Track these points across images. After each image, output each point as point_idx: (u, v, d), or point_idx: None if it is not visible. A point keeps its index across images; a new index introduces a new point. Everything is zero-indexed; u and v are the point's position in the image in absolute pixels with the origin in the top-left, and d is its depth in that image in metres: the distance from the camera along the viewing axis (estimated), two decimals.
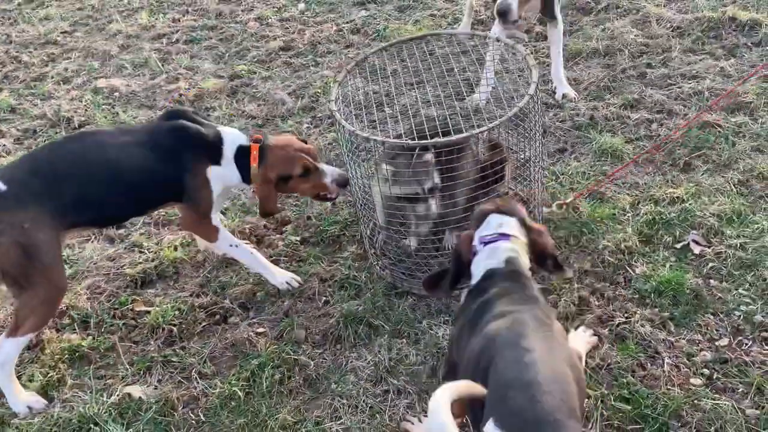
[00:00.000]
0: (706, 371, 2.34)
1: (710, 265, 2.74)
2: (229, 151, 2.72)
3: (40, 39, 5.63)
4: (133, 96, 4.64)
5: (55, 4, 6.30)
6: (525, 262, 2.04)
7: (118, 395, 2.50)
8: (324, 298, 2.85)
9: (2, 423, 2.47)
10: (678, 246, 2.86)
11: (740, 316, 2.53)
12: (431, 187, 2.67)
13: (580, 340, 2.42)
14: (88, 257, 3.23)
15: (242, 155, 2.72)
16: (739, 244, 2.80)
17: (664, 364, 2.38)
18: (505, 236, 2.03)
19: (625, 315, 2.58)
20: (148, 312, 2.86)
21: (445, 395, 1.50)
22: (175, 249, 3.21)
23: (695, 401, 2.24)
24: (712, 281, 2.68)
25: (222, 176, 2.73)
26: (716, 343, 2.44)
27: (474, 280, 2.03)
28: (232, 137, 2.76)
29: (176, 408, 2.46)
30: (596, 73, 4.12)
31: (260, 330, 2.74)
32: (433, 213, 2.74)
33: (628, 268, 2.78)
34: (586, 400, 2.24)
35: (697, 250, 2.82)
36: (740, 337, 2.46)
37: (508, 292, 1.89)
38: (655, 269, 2.74)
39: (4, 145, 4.23)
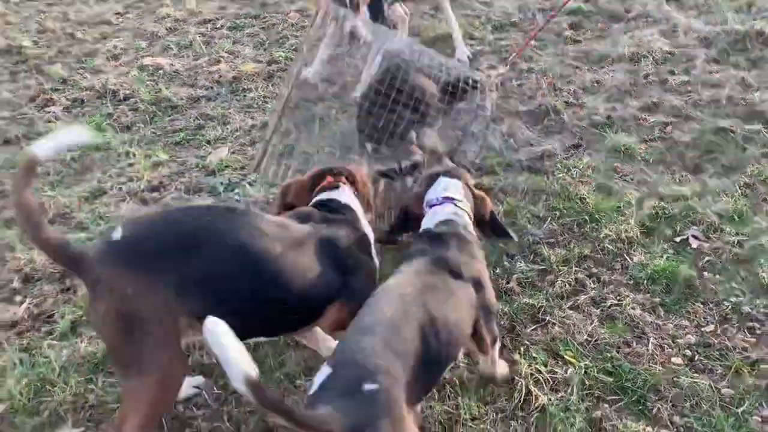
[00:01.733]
0: (688, 353, 2.47)
1: (706, 258, 2.86)
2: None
3: (95, 19, 5.96)
4: (176, 75, 4.91)
5: None
6: (466, 223, 2.23)
7: None
8: None
9: (31, 354, 2.69)
10: (677, 240, 2.98)
11: (729, 306, 2.64)
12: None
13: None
14: (123, 214, 3.48)
15: None
16: (736, 241, 2.91)
17: (649, 344, 2.51)
18: (449, 200, 2.24)
19: (618, 298, 2.71)
20: None
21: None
22: None
23: (674, 378, 2.37)
24: (706, 273, 2.80)
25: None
26: (702, 329, 2.56)
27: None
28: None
29: (191, 353, 2.67)
30: (619, 77, 4.24)
31: None
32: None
33: (626, 257, 2.91)
34: (570, 368, 2.38)
35: (695, 244, 2.93)
36: (726, 325, 2.57)
37: (420, 253, 2.10)
38: (652, 259, 2.86)
39: (54, 111, 4.53)
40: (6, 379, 2.53)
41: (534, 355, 2.49)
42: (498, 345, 2.28)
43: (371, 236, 2.35)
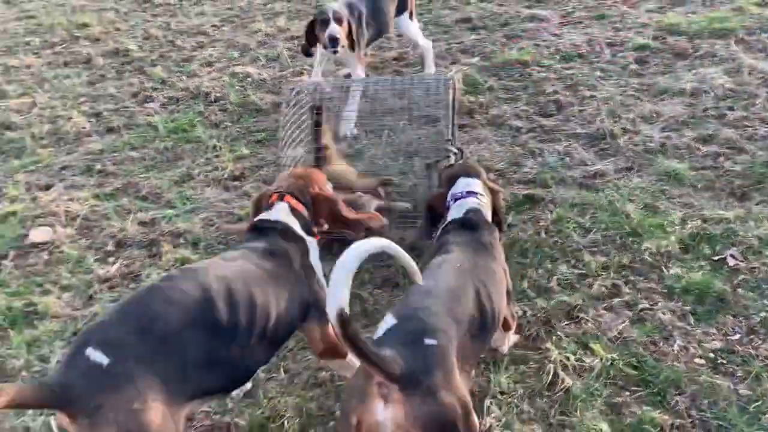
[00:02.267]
0: (712, 356, 2.62)
1: (741, 276, 2.99)
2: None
3: (193, 29, 6.55)
4: (262, 83, 5.37)
5: (209, 3, 7.28)
6: (487, 214, 2.54)
7: None
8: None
9: None
10: (715, 258, 3.12)
11: (759, 320, 2.77)
12: None
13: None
14: (206, 197, 3.89)
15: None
16: None
17: (674, 345, 2.67)
18: (472, 193, 2.54)
19: (650, 303, 2.89)
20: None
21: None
22: None
23: (695, 377, 2.53)
24: (739, 290, 2.93)
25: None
26: (728, 338, 2.71)
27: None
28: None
29: None
30: (678, 109, 4.40)
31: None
32: None
33: (663, 269, 3.08)
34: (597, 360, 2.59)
35: (732, 263, 3.07)
36: (753, 336, 2.70)
37: (458, 237, 2.37)
38: (688, 272, 3.02)
39: (152, 107, 5.05)
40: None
41: (564, 345, 2.70)
42: (515, 323, 2.58)
43: (313, 250, 2.37)
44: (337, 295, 1.59)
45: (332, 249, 2.72)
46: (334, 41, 4.24)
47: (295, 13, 6.71)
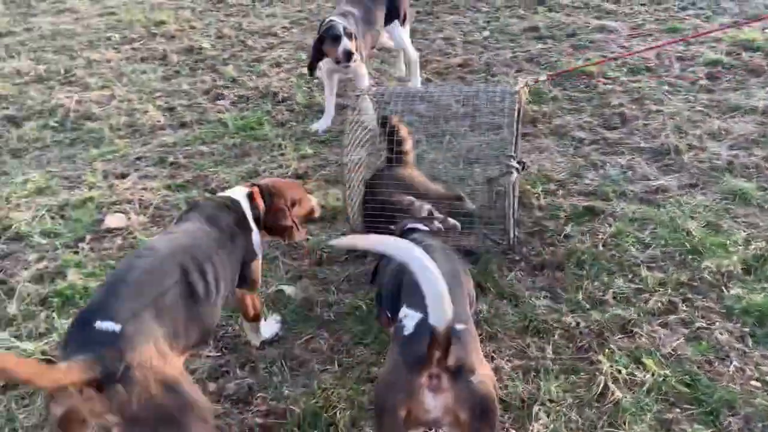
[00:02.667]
0: None
1: None
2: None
3: (264, 30, 6.76)
4: None
5: (280, 5, 7.49)
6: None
7: (273, 289, 3.21)
8: None
9: None
10: None
11: None
12: None
13: None
14: None
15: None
16: None
17: (731, 366, 2.64)
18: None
19: (708, 323, 2.86)
20: (307, 239, 3.56)
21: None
22: (337, 200, 3.92)
23: (750, 399, 2.49)
24: None
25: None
26: None
27: None
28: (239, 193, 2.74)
29: (314, 308, 3.11)
30: (748, 128, 4.31)
31: None
32: None
33: (723, 288, 3.04)
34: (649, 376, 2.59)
35: None
36: None
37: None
38: (749, 293, 2.97)
39: (223, 104, 5.25)
40: None
41: (617, 358, 2.71)
42: None
43: (256, 236, 2.66)
44: (444, 307, 1.76)
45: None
46: (349, 56, 4.30)
47: None
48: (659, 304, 2.96)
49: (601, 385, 2.57)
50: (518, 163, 3.33)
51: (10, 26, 6.92)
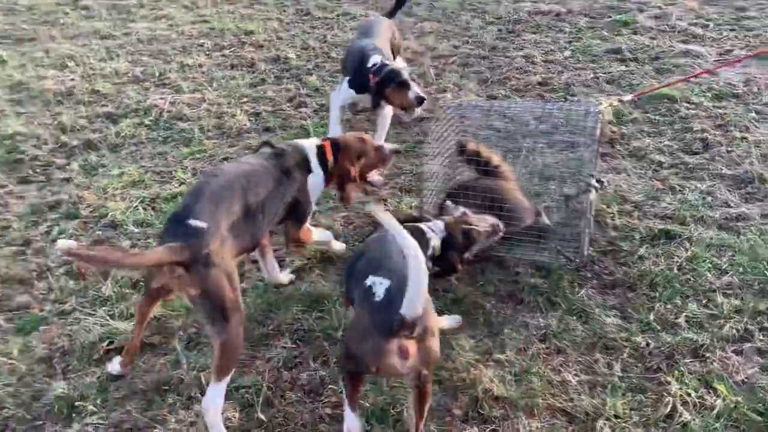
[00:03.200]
0: None
1: None
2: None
3: (347, 42, 6.95)
4: None
5: (363, 20, 7.69)
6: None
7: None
8: (516, 269, 3.43)
9: (265, 284, 3.40)
10: None
11: None
12: None
13: (446, 320, 3.05)
14: None
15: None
16: None
17: None
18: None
19: None
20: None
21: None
22: (410, 208, 4.02)
23: None
24: None
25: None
26: None
27: None
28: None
29: None
30: None
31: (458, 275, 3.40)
32: None
33: None
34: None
35: None
36: None
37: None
38: None
39: (306, 112, 5.45)
40: (247, 297, 3.26)
41: (687, 381, 2.69)
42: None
43: (314, 182, 3.17)
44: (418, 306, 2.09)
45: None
46: (421, 101, 4.29)
47: (443, 33, 6.95)
48: (734, 331, 2.92)
49: (669, 406, 2.57)
50: (597, 181, 3.35)
51: (111, 30, 7.37)
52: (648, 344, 2.91)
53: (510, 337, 3.02)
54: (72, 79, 6.05)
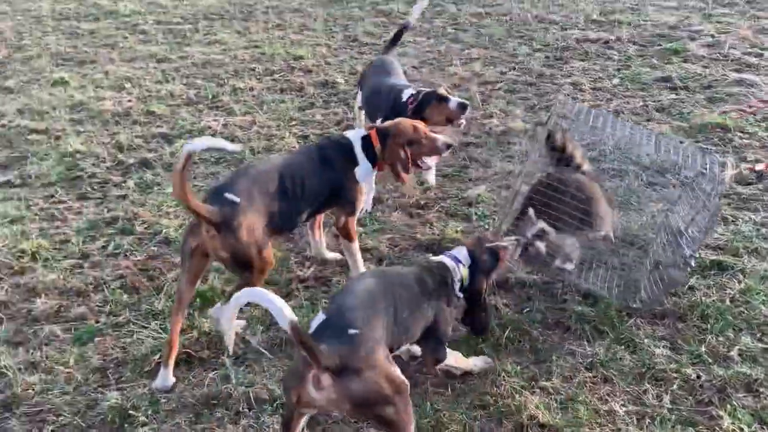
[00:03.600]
0: None
1: None
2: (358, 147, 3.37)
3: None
4: None
5: (411, 45, 7.80)
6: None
7: None
8: (565, 297, 3.41)
9: (312, 302, 3.45)
10: None
11: None
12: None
13: (476, 361, 2.97)
14: (392, 221, 4.22)
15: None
16: None
17: None
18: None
19: None
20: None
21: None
22: (456, 232, 4.03)
23: None
24: None
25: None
26: None
27: None
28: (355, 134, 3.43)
29: None
30: None
31: (505, 301, 3.40)
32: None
33: None
34: None
35: None
36: None
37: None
38: None
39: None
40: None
41: (739, 416, 2.62)
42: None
43: (361, 169, 3.37)
44: (286, 313, 2.08)
45: None
46: (464, 107, 4.22)
47: (490, 59, 6.99)
48: None
49: None
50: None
51: (167, 54, 7.64)
52: (699, 377, 2.86)
53: (556, 365, 3.00)
54: (129, 100, 6.29)
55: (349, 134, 3.44)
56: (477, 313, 2.87)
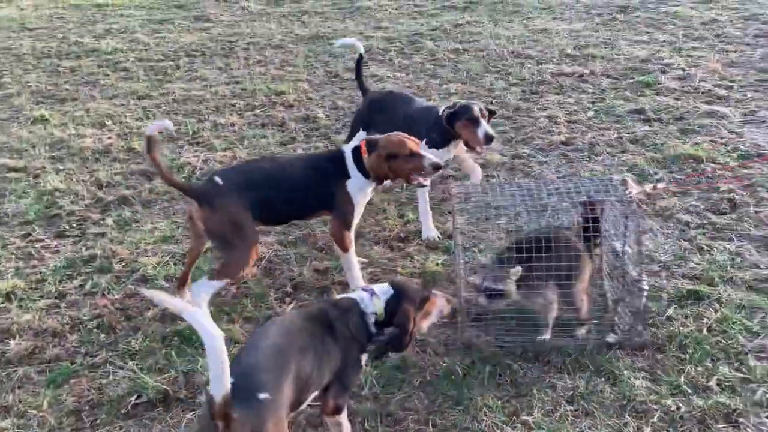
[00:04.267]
0: None
1: None
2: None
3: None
4: None
5: (391, 81, 7.91)
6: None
7: None
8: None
9: None
10: None
11: None
12: None
13: None
14: (373, 255, 4.22)
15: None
16: None
17: None
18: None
19: None
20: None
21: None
22: (436, 265, 4.04)
23: None
24: None
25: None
26: None
27: None
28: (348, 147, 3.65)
29: (408, 370, 3.21)
30: None
31: (487, 338, 3.40)
32: None
33: None
34: None
35: None
36: None
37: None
38: None
39: None
40: None
41: None
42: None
43: (353, 181, 3.58)
44: (224, 382, 2.01)
45: None
46: (490, 140, 4.17)
47: (467, 94, 7.09)
48: None
49: None
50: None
51: (148, 91, 7.66)
52: (679, 408, 2.86)
53: (537, 398, 2.99)
54: (109, 138, 6.29)
55: (344, 146, 3.70)
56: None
